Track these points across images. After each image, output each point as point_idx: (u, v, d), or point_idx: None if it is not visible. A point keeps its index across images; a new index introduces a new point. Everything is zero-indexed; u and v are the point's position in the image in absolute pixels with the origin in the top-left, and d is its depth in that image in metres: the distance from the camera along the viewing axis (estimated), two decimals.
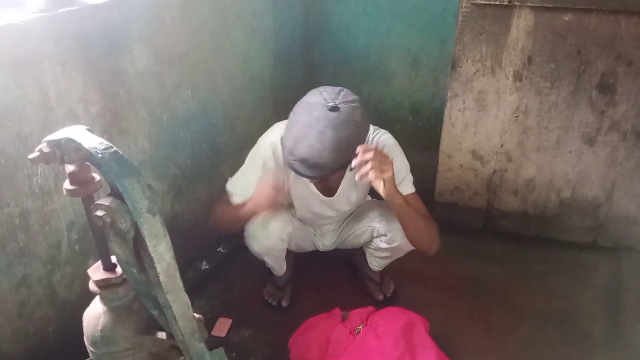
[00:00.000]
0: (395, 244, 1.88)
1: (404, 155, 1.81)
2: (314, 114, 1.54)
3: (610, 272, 2.26)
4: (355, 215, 2.04)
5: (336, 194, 1.85)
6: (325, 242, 2.12)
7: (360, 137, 1.60)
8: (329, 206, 1.89)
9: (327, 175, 1.59)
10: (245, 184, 1.78)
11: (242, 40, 2.28)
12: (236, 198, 1.80)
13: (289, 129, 1.60)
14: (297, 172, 1.57)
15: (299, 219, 2.02)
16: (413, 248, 1.84)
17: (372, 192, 2.07)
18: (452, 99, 2.30)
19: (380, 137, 1.79)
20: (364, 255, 2.07)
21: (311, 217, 1.98)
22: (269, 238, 1.85)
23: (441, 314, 2.00)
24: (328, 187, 1.84)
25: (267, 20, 2.44)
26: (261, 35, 2.42)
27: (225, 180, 1.80)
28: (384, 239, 1.90)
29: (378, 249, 1.95)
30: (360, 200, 1.97)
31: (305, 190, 1.84)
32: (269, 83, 2.53)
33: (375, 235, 1.93)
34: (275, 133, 1.77)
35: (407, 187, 1.79)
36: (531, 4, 2.01)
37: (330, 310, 1.91)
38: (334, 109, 1.54)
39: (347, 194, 1.88)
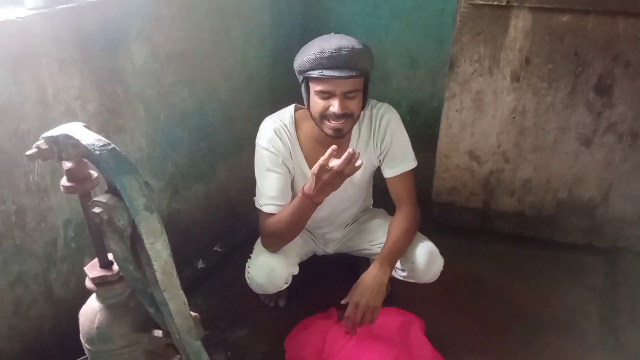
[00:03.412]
0: (411, 280, 1.93)
1: (404, 130, 1.83)
2: (325, 35, 1.65)
3: (606, 273, 2.26)
4: (363, 230, 2.04)
5: None
6: (328, 250, 2.13)
7: (371, 53, 1.66)
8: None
9: (357, 74, 1.58)
10: (269, 190, 1.77)
11: (241, 39, 2.27)
12: (268, 208, 1.78)
13: (305, 52, 1.63)
14: (329, 75, 1.56)
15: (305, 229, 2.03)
16: (430, 282, 1.90)
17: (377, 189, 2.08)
18: (450, 99, 2.30)
19: (381, 110, 1.80)
20: (363, 257, 2.07)
21: (315, 220, 1.96)
22: (273, 285, 1.87)
23: (437, 314, 2.00)
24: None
25: (265, 19, 2.43)
26: (259, 34, 2.42)
27: (223, 180, 1.80)
28: (402, 274, 1.93)
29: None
30: (364, 184, 1.94)
31: (306, 181, 1.84)
32: (266, 82, 2.53)
33: None
34: (269, 124, 1.80)
35: (407, 164, 1.83)
36: (529, 5, 2.02)
37: (327, 310, 1.92)
38: (338, 32, 1.66)
39: None
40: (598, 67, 2.07)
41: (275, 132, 1.77)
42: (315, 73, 1.58)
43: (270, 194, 1.77)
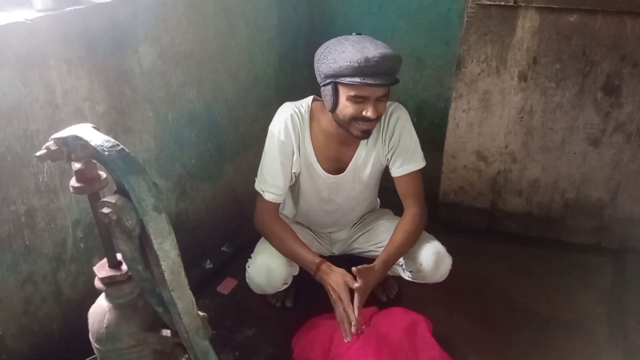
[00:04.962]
0: (419, 281, 1.92)
1: (413, 129, 1.83)
2: (349, 37, 1.63)
3: (614, 273, 2.25)
4: (370, 231, 2.04)
5: (347, 169, 1.85)
6: (334, 250, 2.13)
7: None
8: (338, 186, 1.88)
9: (394, 80, 1.60)
10: (273, 178, 1.77)
11: (247, 39, 2.28)
12: (269, 195, 1.78)
13: (341, 59, 1.56)
14: (371, 82, 1.54)
15: (308, 227, 2.04)
16: (439, 281, 1.89)
17: (383, 188, 2.08)
18: (457, 99, 2.30)
19: (391, 108, 1.80)
20: (370, 258, 2.07)
21: (321, 218, 1.98)
22: (271, 286, 1.88)
23: (444, 315, 2.00)
24: (340, 160, 1.84)
25: (271, 19, 2.44)
26: (266, 34, 2.42)
27: (230, 180, 1.79)
28: (410, 274, 1.93)
29: (399, 273, 1.98)
30: (372, 183, 1.94)
31: (313, 175, 1.85)
32: (273, 82, 2.53)
33: (399, 263, 1.92)
34: (285, 110, 1.78)
35: (416, 163, 1.83)
36: (536, 5, 2.01)
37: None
38: (359, 34, 1.66)
39: (360, 170, 1.86)
40: (606, 67, 2.06)
41: (289, 120, 1.75)
42: (356, 80, 1.55)
43: (272, 182, 1.77)
